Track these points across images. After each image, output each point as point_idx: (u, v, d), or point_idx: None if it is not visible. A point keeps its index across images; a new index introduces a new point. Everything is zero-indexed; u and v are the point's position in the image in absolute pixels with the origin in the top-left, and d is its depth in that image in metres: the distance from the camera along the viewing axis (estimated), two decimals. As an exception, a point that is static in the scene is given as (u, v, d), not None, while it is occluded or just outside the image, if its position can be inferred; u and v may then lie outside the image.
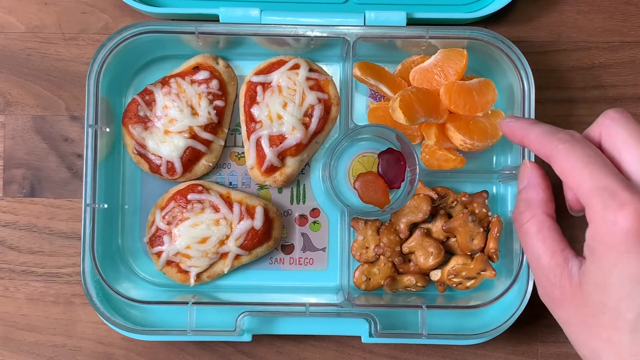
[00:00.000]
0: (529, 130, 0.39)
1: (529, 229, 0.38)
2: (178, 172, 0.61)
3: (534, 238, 0.38)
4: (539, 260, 0.37)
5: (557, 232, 0.38)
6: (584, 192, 0.35)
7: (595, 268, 0.34)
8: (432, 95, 0.60)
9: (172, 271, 0.62)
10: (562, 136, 0.37)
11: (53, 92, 0.65)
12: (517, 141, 0.41)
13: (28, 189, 0.64)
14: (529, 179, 0.40)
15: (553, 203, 0.39)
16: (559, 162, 0.36)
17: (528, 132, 0.39)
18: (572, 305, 0.36)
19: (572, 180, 0.36)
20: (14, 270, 0.64)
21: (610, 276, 0.33)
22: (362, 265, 0.62)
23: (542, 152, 0.38)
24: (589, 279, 0.35)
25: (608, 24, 0.66)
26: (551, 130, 0.38)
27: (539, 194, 0.39)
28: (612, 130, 0.36)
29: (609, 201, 0.33)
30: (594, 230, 0.34)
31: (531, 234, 0.38)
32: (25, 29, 0.65)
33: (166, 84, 0.61)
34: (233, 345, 0.64)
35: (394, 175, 0.62)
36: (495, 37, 0.59)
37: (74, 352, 0.63)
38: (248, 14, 0.61)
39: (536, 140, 0.38)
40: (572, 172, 0.35)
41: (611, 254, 0.33)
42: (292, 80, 0.61)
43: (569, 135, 0.37)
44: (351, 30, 0.60)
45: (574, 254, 0.37)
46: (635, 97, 0.66)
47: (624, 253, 0.33)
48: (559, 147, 0.36)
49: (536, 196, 0.39)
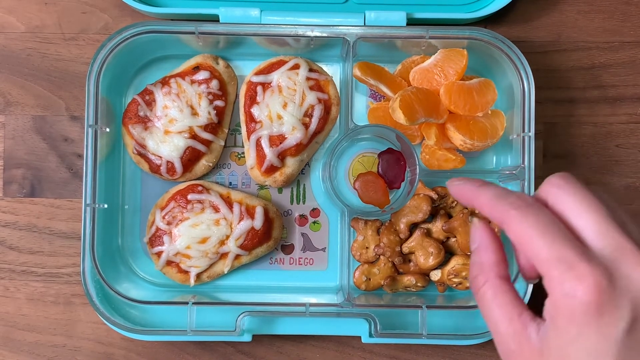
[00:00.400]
0: (479, 193, 0.38)
1: (485, 295, 0.37)
2: (178, 172, 0.61)
3: (490, 304, 0.37)
4: (498, 327, 0.36)
5: (513, 295, 0.37)
6: (540, 261, 0.34)
7: (556, 337, 0.33)
8: (432, 95, 0.60)
9: (172, 271, 0.62)
10: (513, 200, 0.35)
11: (53, 92, 0.65)
12: (467, 204, 0.40)
13: (28, 189, 0.64)
14: (479, 241, 0.39)
15: (506, 263, 0.38)
16: (512, 228, 0.35)
17: (477, 195, 0.38)
18: None
19: (527, 249, 0.34)
20: (14, 270, 0.64)
21: (571, 349, 0.33)
22: (362, 265, 0.62)
23: (493, 216, 0.37)
24: (549, 345, 0.34)
25: (608, 24, 0.66)
26: (501, 193, 0.37)
27: (490, 256, 0.38)
28: (560, 199, 0.35)
29: (567, 273, 0.32)
30: (553, 301, 0.33)
31: (487, 300, 0.37)
32: (26, 29, 0.65)
33: (166, 84, 0.61)
34: (233, 345, 0.64)
35: (394, 175, 0.62)
36: (495, 37, 0.59)
37: (74, 352, 0.63)
38: (248, 14, 0.61)
39: (487, 204, 0.37)
40: (526, 240, 0.34)
41: (571, 327, 0.32)
42: (292, 80, 0.61)
43: (520, 200, 0.35)
44: (351, 30, 0.60)
45: (532, 317, 0.35)
46: (635, 97, 0.66)
47: (584, 326, 0.32)
48: (511, 213, 0.35)
49: (487, 259, 0.38)
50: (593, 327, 0.32)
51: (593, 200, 0.34)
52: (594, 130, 0.65)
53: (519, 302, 0.36)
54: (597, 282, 0.32)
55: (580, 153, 0.65)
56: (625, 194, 0.65)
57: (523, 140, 0.59)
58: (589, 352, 0.32)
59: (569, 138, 0.65)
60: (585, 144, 0.65)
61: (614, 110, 0.65)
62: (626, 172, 0.65)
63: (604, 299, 0.32)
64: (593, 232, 0.34)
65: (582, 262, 0.32)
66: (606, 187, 0.65)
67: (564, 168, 0.65)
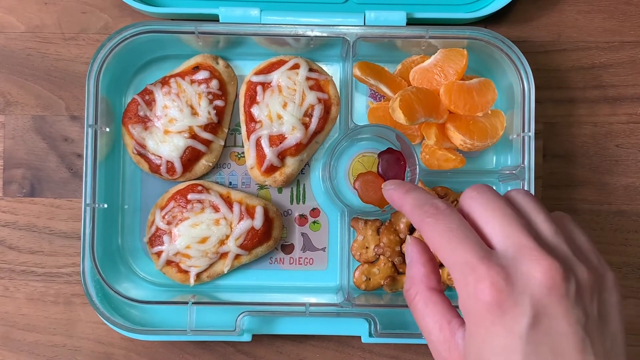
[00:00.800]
0: (404, 200, 0.41)
1: (417, 306, 0.39)
2: (178, 172, 0.61)
3: (422, 314, 0.39)
4: (430, 336, 0.38)
5: (443, 304, 0.39)
6: (449, 266, 0.36)
7: (470, 339, 0.35)
8: (432, 95, 0.60)
9: (172, 271, 0.62)
10: (427, 209, 0.38)
11: (53, 92, 0.65)
12: (398, 210, 0.42)
13: (28, 188, 0.64)
14: (410, 256, 0.41)
15: (436, 275, 0.40)
16: (426, 236, 0.37)
17: (403, 203, 0.41)
18: None
19: (438, 254, 0.37)
20: (13, 270, 0.64)
21: (484, 349, 0.34)
22: (362, 265, 0.62)
23: (414, 224, 0.39)
24: (469, 350, 0.35)
25: (608, 23, 0.66)
26: (420, 201, 0.39)
27: (419, 269, 0.40)
28: (472, 208, 0.38)
29: (468, 276, 0.34)
30: (462, 304, 0.35)
31: (419, 311, 0.39)
32: (25, 29, 0.65)
33: (166, 83, 0.61)
34: (233, 345, 0.64)
35: (394, 175, 0.62)
36: (495, 37, 0.59)
37: (74, 352, 0.63)
38: (248, 13, 0.61)
39: (409, 211, 0.40)
40: (437, 247, 0.37)
41: (480, 329, 0.34)
42: (292, 80, 0.61)
43: (433, 208, 0.38)
44: (351, 30, 0.60)
45: (461, 323, 0.37)
46: (635, 97, 0.66)
47: (491, 326, 0.33)
48: (425, 221, 0.37)
49: (417, 272, 0.40)
50: (498, 326, 0.33)
51: (500, 207, 0.36)
52: (594, 130, 0.65)
53: (449, 310, 0.38)
54: (494, 282, 0.33)
55: (580, 153, 0.65)
56: (625, 194, 0.65)
57: (523, 140, 0.59)
58: (498, 350, 0.33)
59: (569, 138, 0.65)
60: (585, 144, 0.65)
61: (614, 110, 0.65)
62: (626, 172, 0.65)
63: (503, 298, 0.33)
64: (498, 235, 0.36)
65: (482, 264, 0.34)
66: (607, 186, 0.65)
67: (564, 168, 0.65)
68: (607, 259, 0.64)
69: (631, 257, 0.65)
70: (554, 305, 0.33)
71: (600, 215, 0.65)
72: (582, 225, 0.64)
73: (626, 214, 0.65)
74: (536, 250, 0.34)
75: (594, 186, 0.65)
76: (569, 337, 0.33)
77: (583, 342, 0.33)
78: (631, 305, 0.65)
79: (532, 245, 0.34)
